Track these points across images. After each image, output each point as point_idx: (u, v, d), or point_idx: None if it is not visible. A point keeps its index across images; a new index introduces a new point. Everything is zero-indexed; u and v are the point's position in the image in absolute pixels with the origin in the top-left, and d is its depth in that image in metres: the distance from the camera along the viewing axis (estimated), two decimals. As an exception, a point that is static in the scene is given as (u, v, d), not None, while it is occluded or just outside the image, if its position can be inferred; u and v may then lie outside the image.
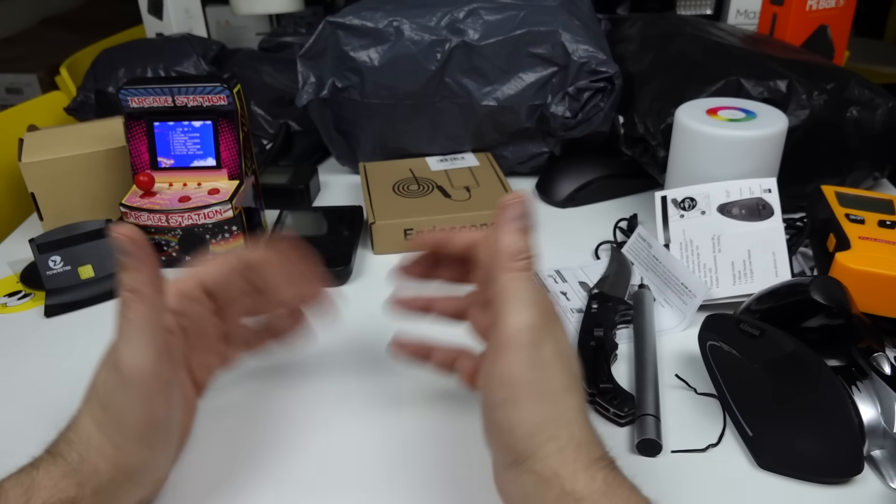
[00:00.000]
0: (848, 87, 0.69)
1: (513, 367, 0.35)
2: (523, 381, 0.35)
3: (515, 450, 0.35)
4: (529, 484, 0.35)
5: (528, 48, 0.76)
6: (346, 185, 0.85)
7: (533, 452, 0.35)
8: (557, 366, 0.36)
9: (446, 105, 0.79)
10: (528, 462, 0.35)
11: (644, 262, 0.63)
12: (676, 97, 0.70)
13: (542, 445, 0.35)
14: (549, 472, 0.34)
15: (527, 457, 0.35)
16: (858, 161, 0.71)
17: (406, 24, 0.77)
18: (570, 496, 0.33)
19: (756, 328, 0.48)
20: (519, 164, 0.83)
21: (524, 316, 0.36)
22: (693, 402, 0.50)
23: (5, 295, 0.66)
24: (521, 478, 0.35)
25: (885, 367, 0.46)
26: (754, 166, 0.62)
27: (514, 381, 0.35)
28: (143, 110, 0.65)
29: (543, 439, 0.35)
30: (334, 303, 0.48)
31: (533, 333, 0.36)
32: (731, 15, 1.03)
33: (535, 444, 0.35)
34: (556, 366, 0.36)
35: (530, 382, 0.35)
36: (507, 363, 0.36)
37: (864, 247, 0.55)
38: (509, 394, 0.35)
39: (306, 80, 0.80)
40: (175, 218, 0.63)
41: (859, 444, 0.44)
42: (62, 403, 0.52)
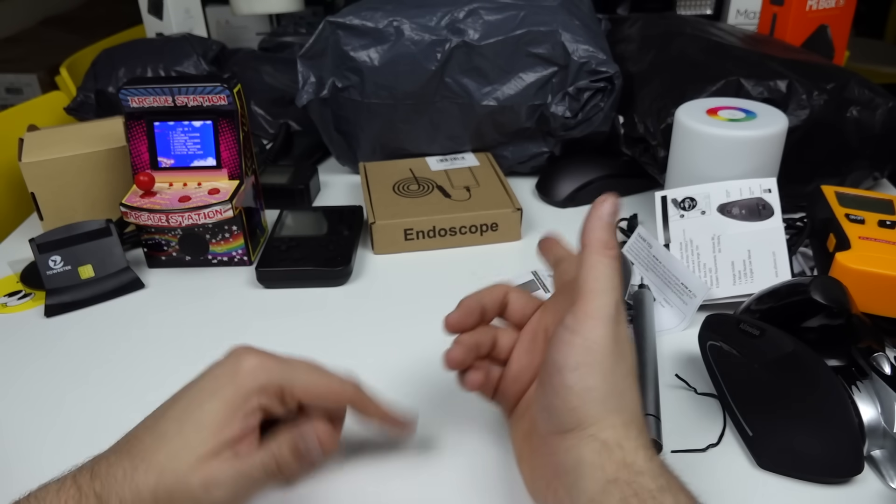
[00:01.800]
0: (848, 87, 0.69)
1: (598, 335, 0.36)
2: (606, 350, 0.36)
3: (583, 414, 0.36)
4: (589, 451, 0.35)
5: (528, 48, 0.76)
6: (346, 185, 0.85)
7: (601, 419, 0.36)
8: (628, 349, 0.38)
9: (446, 105, 0.79)
10: (592, 428, 0.35)
11: (644, 262, 0.63)
12: (676, 97, 0.70)
13: (610, 414, 0.36)
14: (613, 442, 0.35)
15: (593, 422, 0.36)
16: (858, 161, 0.71)
17: (406, 24, 0.77)
18: (631, 468, 0.34)
19: (756, 328, 0.48)
20: (519, 164, 0.83)
21: (611, 294, 0.37)
22: (693, 402, 0.50)
23: (5, 295, 0.66)
24: (581, 444, 0.35)
25: (885, 367, 0.46)
26: (754, 166, 0.62)
27: (598, 348, 0.36)
28: (143, 110, 0.65)
29: (613, 408, 0.36)
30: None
31: (617, 311, 0.37)
32: (731, 15, 1.03)
33: (604, 411, 0.36)
34: (627, 348, 0.38)
35: (611, 354, 0.36)
36: (593, 330, 0.36)
37: (864, 247, 0.55)
38: (591, 358, 0.36)
39: (306, 80, 0.80)
40: (175, 218, 0.63)
41: (859, 444, 0.44)
42: (62, 403, 0.52)
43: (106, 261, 0.64)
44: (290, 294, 0.64)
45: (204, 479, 0.36)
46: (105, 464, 0.36)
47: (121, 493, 0.35)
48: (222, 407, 0.37)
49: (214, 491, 0.36)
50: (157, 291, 0.66)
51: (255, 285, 0.66)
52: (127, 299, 0.65)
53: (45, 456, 0.39)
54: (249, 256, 0.68)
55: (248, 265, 0.68)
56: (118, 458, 0.37)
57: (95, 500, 0.35)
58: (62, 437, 0.49)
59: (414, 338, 0.58)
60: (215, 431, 0.36)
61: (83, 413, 0.51)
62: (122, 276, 0.65)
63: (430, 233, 0.70)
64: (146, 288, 0.66)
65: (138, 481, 0.35)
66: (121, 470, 0.36)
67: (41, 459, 0.38)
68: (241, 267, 0.68)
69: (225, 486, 0.36)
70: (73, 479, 0.36)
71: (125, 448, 0.37)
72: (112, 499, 0.35)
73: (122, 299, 0.65)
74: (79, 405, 0.52)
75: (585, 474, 0.35)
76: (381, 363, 0.55)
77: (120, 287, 0.65)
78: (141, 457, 0.36)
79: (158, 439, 0.37)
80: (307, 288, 0.65)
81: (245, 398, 0.37)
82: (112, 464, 0.36)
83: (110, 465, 0.36)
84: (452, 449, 0.47)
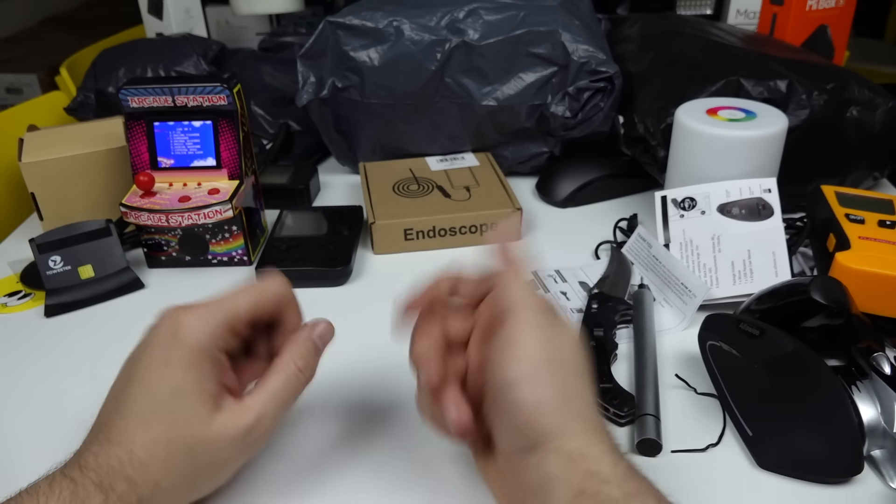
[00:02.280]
0: (848, 87, 0.69)
1: (531, 346, 0.36)
2: (544, 357, 0.36)
3: (542, 428, 0.35)
4: (555, 465, 0.34)
5: (528, 48, 0.76)
6: (346, 185, 0.85)
7: (563, 429, 0.35)
8: (571, 350, 0.37)
9: (446, 105, 0.79)
10: (556, 441, 0.35)
11: (644, 262, 0.63)
12: (676, 97, 0.70)
13: (571, 423, 0.35)
14: (578, 453, 0.34)
15: (556, 435, 0.35)
16: (858, 161, 0.71)
17: (406, 24, 0.77)
18: (596, 477, 0.33)
19: (756, 328, 0.48)
20: (519, 164, 0.83)
21: (533, 307, 0.37)
22: (693, 402, 0.50)
23: (5, 295, 0.66)
24: (547, 459, 0.34)
25: (885, 367, 0.46)
26: (754, 166, 0.62)
27: (535, 358, 0.36)
28: (143, 110, 0.65)
29: (571, 416, 0.35)
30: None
31: (546, 318, 0.37)
32: (731, 15, 1.03)
33: (563, 421, 0.35)
34: (570, 350, 0.37)
35: (550, 360, 0.36)
36: (525, 342, 0.36)
37: (864, 247, 0.55)
38: (531, 370, 0.35)
39: (306, 80, 0.80)
40: (175, 218, 0.63)
41: (859, 444, 0.44)
42: (62, 404, 0.52)
43: (106, 261, 0.64)
44: (290, 294, 0.64)
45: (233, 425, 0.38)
46: (90, 455, 0.37)
47: (128, 475, 0.36)
48: (184, 371, 0.38)
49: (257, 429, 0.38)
50: (157, 291, 0.66)
51: (255, 285, 0.65)
52: (127, 299, 0.65)
53: (46, 456, 0.39)
54: (249, 256, 0.68)
55: (247, 265, 0.68)
56: (101, 446, 0.37)
57: (95, 489, 0.35)
58: (62, 437, 0.49)
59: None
60: (193, 392, 0.38)
61: (83, 413, 0.51)
62: (122, 276, 0.65)
63: (430, 233, 0.70)
64: (146, 288, 0.66)
65: (142, 458, 0.36)
66: (113, 458, 0.36)
67: (41, 459, 0.38)
68: (241, 267, 0.68)
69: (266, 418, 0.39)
70: (63, 474, 0.36)
71: (102, 437, 0.38)
72: (118, 484, 0.36)
73: (122, 299, 0.65)
74: (79, 405, 0.52)
75: (553, 490, 0.34)
76: (381, 363, 0.55)
77: (120, 287, 0.65)
78: (129, 439, 0.37)
79: (137, 420, 0.37)
80: (307, 288, 0.65)
81: (203, 351, 0.38)
82: (98, 454, 0.37)
83: (98, 456, 0.37)
84: (451, 449, 0.47)
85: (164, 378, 0.38)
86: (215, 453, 0.38)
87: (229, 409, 0.38)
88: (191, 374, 0.38)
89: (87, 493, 0.35)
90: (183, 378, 0.38)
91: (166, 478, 0.37)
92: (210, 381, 0.38)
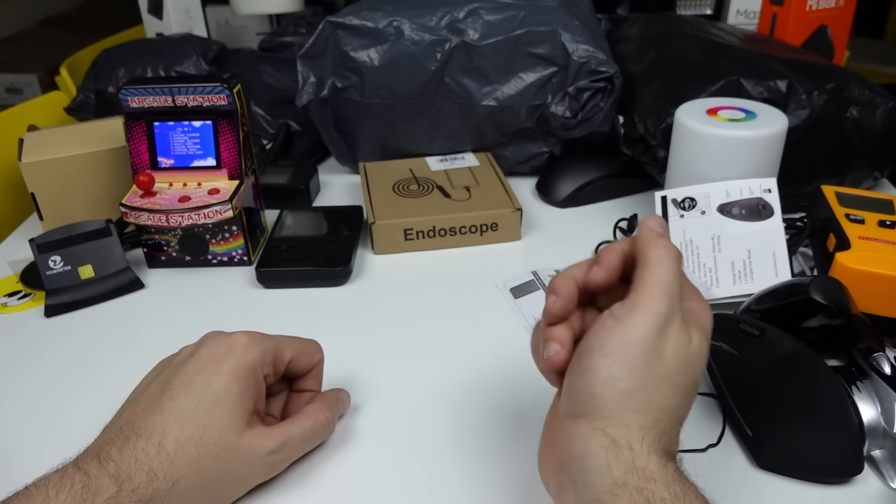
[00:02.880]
0: (848, 87, 0.69)
1: (641, 328, 0.35)
2: (645, 345, 0.34)
3: (600, 401, 0.34)
4: (596, 444, 0.34)
5: (528, 48, 0.76)
6: (346, 185, 0.85)
7: (617, 413, 0.34)
8: (675, 356, 0.35)
9: (446, 105, 0.79)
10: (605, 420, 0.34)
11: (644, 262, 0.63)
12: (676, 97, 0.70)
13: (629, 412, 0.34)
14: (624, 442, 0.33)
15: (607, 414, 0.34)
16: (858, 161, 0.71)
17: (406, 24, 0.77)
18: (642, 472, 0.33)
19: (756, 328, 0.48)
20: (519, 164, 0.83)
21: (667, 294, 0.35)
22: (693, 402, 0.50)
23: (5, 295, 0.66)
24: (590, 435, 0.34)
25: (885, 367, 0.46)
26: (754, 166, 0.62)
27: (637, 341, 0.34)
28: (143, 110, 0.65)
29: (634, 407, 0.34)
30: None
31: (670, 313, 0.35)
32: (731, 15, 1.03)
33: (623, 406, 0.34)
34: (674, 354, 0.35)
35: (649, 350, 0.34)
36: (638, 323, 0.35)
37: (864, 247, 0.55)
38: (626, 349, 0.34)
39: (306, 80, 0.80)
40: (175, 218, 0.63)
41: (859, 444, 0.44)
42: (62, 404, 0.52)
43: (106, 261, 0.64)
44: (290, 294, 0.64)
45: (261, 443, 0.41)
46: (113, 449, 0.37)
47: (151, 467, 0.37)
48: (232, 380, 0.41)
49: (277, 454, 0.42)
50: (157, 291, 0.66)
51: (255, 285, 0.66)
52: (127, 299, 0.65)
53: (46, 456, 0.39)
54: (249, 256, 0.68)
55: (248, 265, 0.68)
56: (126, 440, 0.38)
57: (110, 480, 0.36)
58: (62, 437, 0.49)
59: (414, 338, 0.58)
60: (235, 403, 0.40)
61: (83, 413, 0.51)
62: (122, 277, 0.65)
63: (430, 233, 0.70)
64: (146, 288, 0.66)
65: (170, 453, 0.38)
66: (140, 450, 0.37)
67: (41, 460, 0.38)
68: (240, 267, 0.68)
69: (289, 448, 0.43)
70: (77, 466, 0.37)
71: (129, 432, 0.38)
72: (138, 475, 0.37)
73: (122, 299, 0.65)
74: (79, 405, 0.52)
75: (590, 468, 0.33)
76: (381, 363, 0.55)
77: (120, 287, 0.65)
78: (162, 433, 0.38)
79: (176, 415, 0.39)
80: (307, 288, 0.65)
81: (252, 369, 0.42)
82: (123, 447, 0.37)
83: (122, 449, 0.37)
84: (452, 448, 0.47)
85: (213, 384, 0.40)
86: (238, 466, 0.40)
87: (259, 429, 0.41)
88: (237, 386, 0.41)
89: (101, 484, 0.36)
90: (229, 388, 0.40)
91: (187, 477, 0.38)
92: (250, 399, 0.41)
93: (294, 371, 0.47)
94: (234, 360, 0.41)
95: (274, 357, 0.44)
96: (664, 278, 0.36)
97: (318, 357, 0.48)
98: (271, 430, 0.42)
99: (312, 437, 0.45)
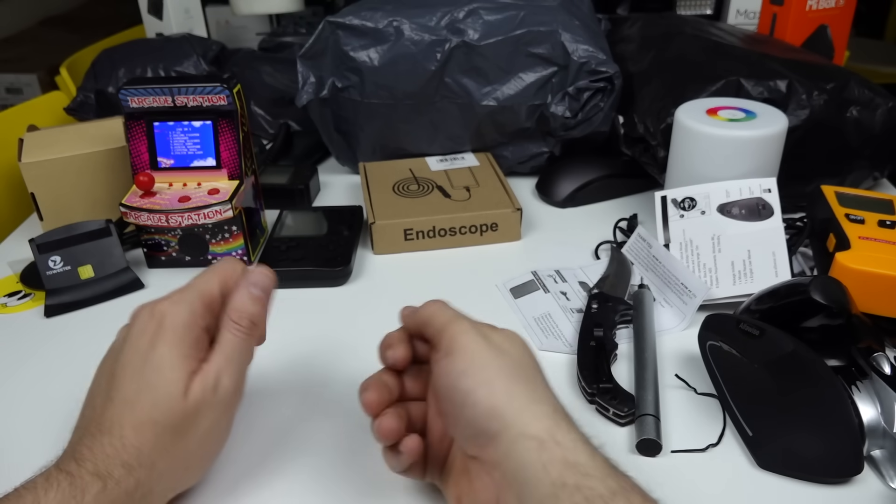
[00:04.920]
0: (848, 87, 0.69)
1: (466, 341, 0.37)
2: (483, 350, 0.37)
3: (499, 411, 0.34)
4: (525, 451, 0.33)
5: (528, 48, 0.76)
6: (346, 185, 0.85)
7: (521, 411, 0.34)
8: (516, 350, 0.38)
9: (446, 105, 0.79)
10: (517, 425, 0.34)
11: (644, 262, 0.63)
12: (676, 97, 0.70)
13: (528, 405, 0.35)
14: (547, 436, 0.33)
15: (515, 417, 0.34)
16: (858, 161, 0.71)
17: (406, 24, 0.77)
18: (576, 469, 0.32)
19: (756, 328, 0.48)
20: (519, 164, 0.83)
21: (465, 319, 0.39)
22: (693, 402, 0.50)
23: (5, 295, 0.66)
24: (515, 447, 0.33)
25: (885, 367, 0.46)
26: (754, 166, 0.62)
27: (474, 349, 0.37)
28: (143, 110, 0.65)
29: (527, 399, 0.35)
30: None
31: (481, 326, 0.39)
32: (731, 15, 1.03)
33: (519, 403, 0.35)
34: (514, 350, 0.38)
35: (488, 350, 0.37)
36: (464, 342, 0.37)
37: (864, 247, 0.55)
38: (472, 359, 0.36)
39: (306, 80, 0.80)
40: (175, 218, 0.63)
41: (859, 444, 0.44)
42: (62, 403, 0.52)
43: (106, 261, 0.64)
44: (290, 294, 0.64)
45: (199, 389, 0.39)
46: (84, 447, 0.38)
47: (124, 461, 0.37)
48: (168, 350, 0.39)
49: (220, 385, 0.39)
50: (156, 292, 0.65)
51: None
52: (127, 299, 0.65)
53: (45, 456, 0.39)
54: (249, 257, 0.68)
55: (247, 265, 0.68)
56: (93, 438, 0.38)
57: (92, 478, 0.36)
58: (62, 437, 0.49)
59: (414, 338, 0.58)
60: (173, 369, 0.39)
61: (83, 413, 0.51)
62: (122, 277, 0.65)
63: (430, 233, 0.70)
64: (146, 288, 0.66)
65: (134, 442, 0.37)
66: (108, 446, 0.37)
67: (41, 459, 0.38)
68: (240, 267, 0.68)
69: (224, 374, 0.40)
70: (58, 468, 0.37)
71: (93, 429, 0.38)
72: (115, 470, 0.36)
73: (121, 299, 0.65)
74: (79, 406, 0.52)
75: (529, 478, 0.33)
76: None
77: (120, 287, 0.65)
78: (119, 424, 0.38)
79: (124, 404, 0.38)
80: (307, 288, 0.65)
81: (186, 329, 0.40)
82: (91, 445, 0.38)
83: (91, 447, 0.37)
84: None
85: (149, 359, 0.39)
86: (197, 424, 0.39)
87: (197, 377, 0.39)
88: (173, 351, 0.39)
89: (86, 482, 0.36)
90: (165, 355, 0.39)
91: (161, 458, 0.38)
92: (191, 358, 0.40)
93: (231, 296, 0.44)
94: (165, 329, 0.40)
95: (203, 303, 0.41)
96: (444, 312, 0.40)
97: (241, 269, 0.45)
98: (202, 370, 0.40)
99: (236, 345, 0.41)
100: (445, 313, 0.40)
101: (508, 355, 0.37)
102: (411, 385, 0.42)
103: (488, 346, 0.37)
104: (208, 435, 0.40)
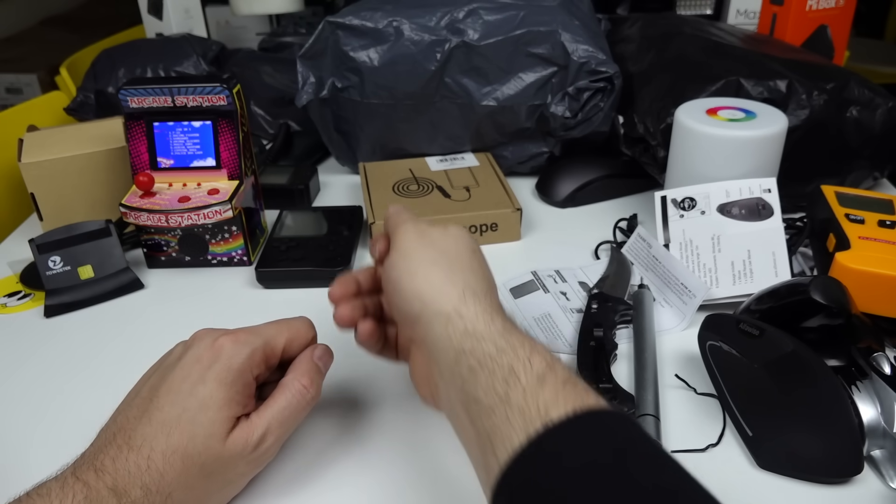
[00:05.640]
0: (848, 87, 0.69)
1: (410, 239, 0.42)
2: (414, 244, 0.42)
3: (420, 292, 0.39)
4: (437, 324, 0.38)
5: (528, 48, 0.76)
6: (346, 185, 0.85)
7: (438, 293, 0.39)
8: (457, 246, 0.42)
9: (446, 105, 0.79)
10: (434, 304, 0.38)
11: (644, 262, 0.63)
12: (676, 97, 0.70)
13: (445, 287, 0.39)
14: (453, 311, 0.38)
15: (433, 299, 0.39)
16: (858, 161, 0.71)
17: (406, 24, 0.77)
18: (472, 336, 0.36)
19: (756, 328, 0.48)
20: (519, 164, 0.83)
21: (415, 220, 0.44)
22: (693, 402, 0.50)
23: (5, 295, 0.66)
24: (431, 322, 0.38)
25: (885, 367, 0.46)
26: (754, 166, 0.62)
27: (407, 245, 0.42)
28: (142, 110, 0.65)
29: (444, 282, 0.39)
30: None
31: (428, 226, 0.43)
32: (731, 15, 1.03)
33: (444, 287, 0.39)
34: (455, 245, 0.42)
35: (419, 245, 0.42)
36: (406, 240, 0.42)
37: (864, 247, 0.55)
38: (408, 252, 0.41)
39: (306, 80, 0.80)
40: (175, 218, 0.63)
41: (859, 444, 0.44)
42: (62, 404, 0.52)
43: (105, 261, 0.64)
44: (290, 294, 0.64)
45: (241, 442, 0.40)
46: (107, 458, 0.37)
47: (144, 483, 0.37)
48: (217, 387, 0.40)
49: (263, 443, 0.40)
50: (156, 292, 0.66)
51: (255, 286, 0.65)
52: (127, 300, 0.65)
53: (45, 457, 0.39)
54: (249, 257, 0.68)
55: (247, 265, 0.68)
56: (119, 451, 0.38)
57: (109, 493, 0.36)
58: (62, 437, 0.49)
59: (414, 338, 0.58)
60: (219, 409, 0.39)
61: (83, 414, 0.51)
62: (122, 277, 0.65)
63: (430, 233, 0.69)
64: (146, 288, 0.66)
65: (159, 467, 0.37)
66: (132, 463, 0.37)
67: (40, 460, 0.38)
68: (240, 267, 0.68)
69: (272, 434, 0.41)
70: (75, 476, 0.36)
71: (121, 441, 0.38)
72: (133, 490, 0.36)
73: (121, 300, 0.65)
74: (78, 406, 0.52)
75: (440, 349, 0.37)
76: (382, 363, 0.55)
77: (120, 287, 0.65)
78: (150, 445, 0.38)
79: (161, 427, 0.38)
80: (307, 288, 0.65)
81: (239, 373, 0.41)
82: (116, 458, 0.37)
83: (116, 460, 0.37)
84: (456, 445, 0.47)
85: (197, 392, 0.39)
86: (226, 471, 0.40)
87: (242, 426, 0.40)
88: (221, 393, 0.40)
89: (101, 497, 0.35)
90: (213, 395, 0.39)
91: (178, 490, 0.38)
92: (237, 404, 0.40)
93: (290, 356, 0.45)
94: (219, 366, 0.40)
95: (264, 353, 0.42)
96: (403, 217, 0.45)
97: (311, 335, 0.46)
98: (250, 421, 0.40)
99: (293, 411, 0.42)
100: (400, 216, 0.45)
101: (435, 247, 0.42)
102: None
103: (420, 240, 0.42)
104: (231, 483, 0.41)
